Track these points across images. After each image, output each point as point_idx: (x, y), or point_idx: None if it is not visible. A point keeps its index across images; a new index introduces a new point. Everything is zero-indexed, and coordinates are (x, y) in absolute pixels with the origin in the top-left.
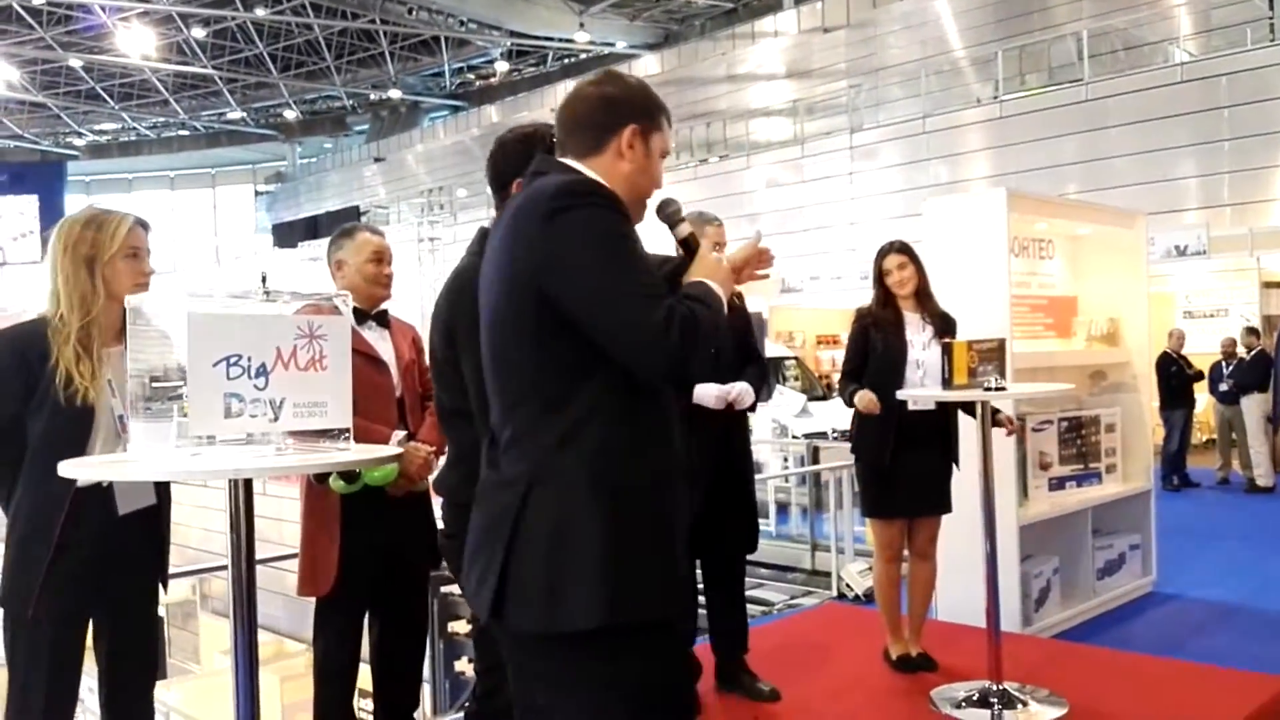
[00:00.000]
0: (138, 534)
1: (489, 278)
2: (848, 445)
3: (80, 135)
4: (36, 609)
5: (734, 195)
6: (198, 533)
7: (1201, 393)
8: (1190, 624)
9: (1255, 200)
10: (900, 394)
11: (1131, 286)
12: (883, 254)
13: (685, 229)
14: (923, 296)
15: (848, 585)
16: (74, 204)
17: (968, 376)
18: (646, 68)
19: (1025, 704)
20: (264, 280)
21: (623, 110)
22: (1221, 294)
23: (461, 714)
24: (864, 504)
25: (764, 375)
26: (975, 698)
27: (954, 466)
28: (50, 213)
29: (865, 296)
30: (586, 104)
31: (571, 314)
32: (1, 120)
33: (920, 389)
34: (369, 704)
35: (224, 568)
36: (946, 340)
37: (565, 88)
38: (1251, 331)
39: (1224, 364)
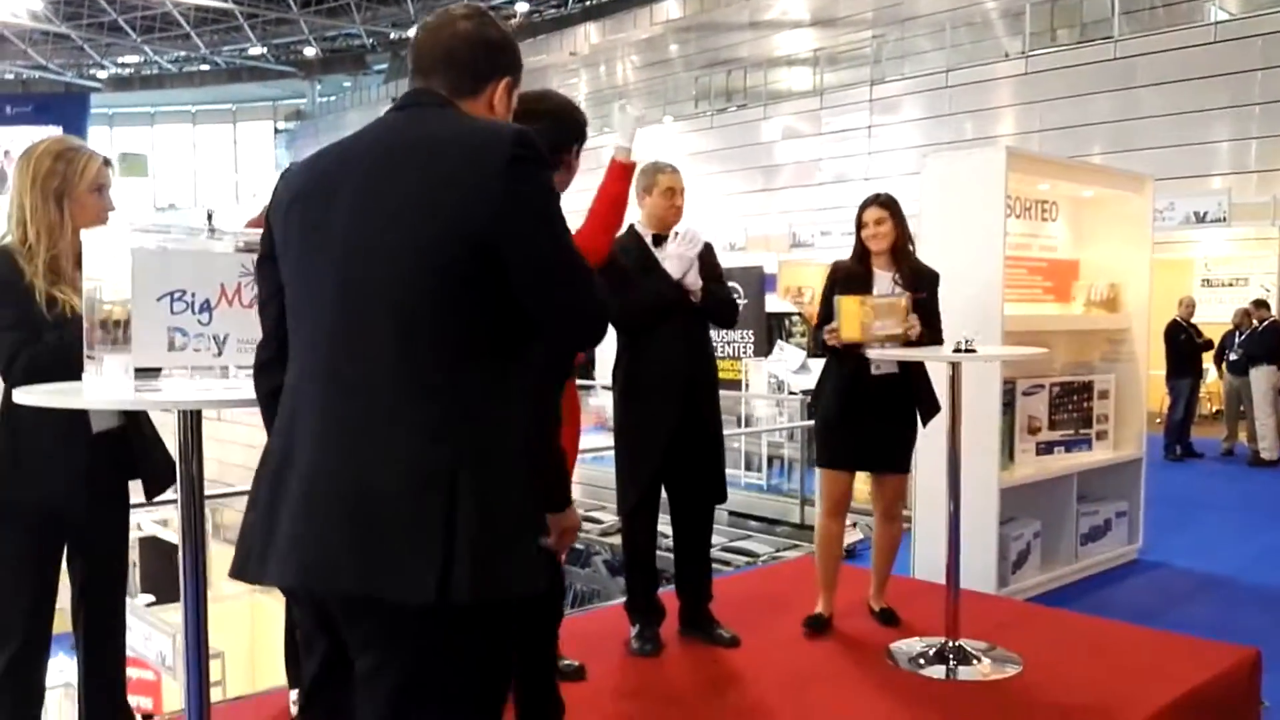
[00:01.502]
0: (110, 452)
1: (386, 210)
2: None
3: (103, 67)
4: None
5: (751, 146)
6: (213, 465)
7: (1209, 362)
8: (1170, 593)
9: None
10: (871, 354)
11: (1135, 252)
12: (863, 206)
13: None
14: (899, 254)
15: None
16: (97, 136)
17: (860, 332)
18: (668, 12)
19: (980, 661)
20: (209, 218)
21: (502, 59)
22: (1242, 262)
23: None
24: (816, 453)
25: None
26: (931, 653)
27: (919, 424)
28: None
29: None
30: (468, 43)
31: (518, 274)
32: (26, 50)
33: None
34: None
35: (227, 495)
36: (838, 296)
37: (586, 31)
38: (1260, 304)
39: (1235, 333)
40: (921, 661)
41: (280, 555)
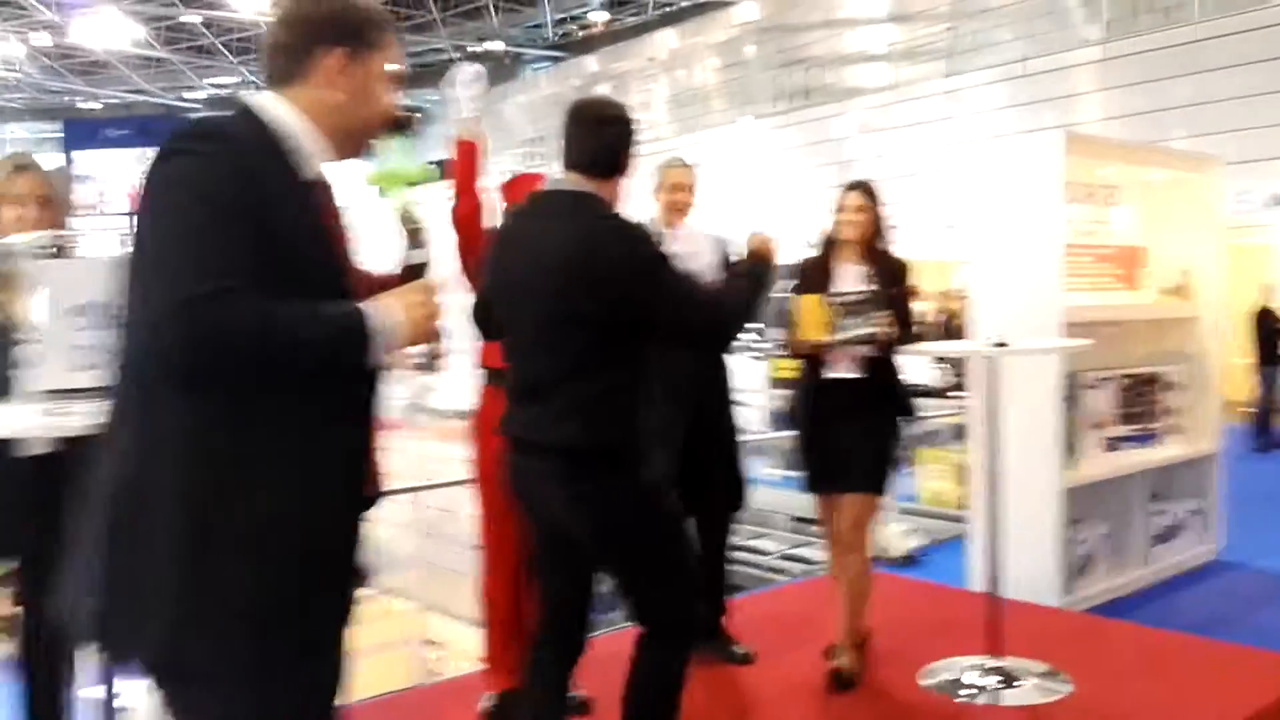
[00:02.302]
0: (46, 477)
1: None
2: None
3: (200, 89)
4: None
5: (827, 142)
6: None
7: None
8: (1247, 597)
9: None
10: (920, 348)
11: (1206, 237)
12: (845, 190)
13: (416, 255)
14: (870, 247)
15: (883, 548)
16: None
17: (825, 332)
18: (745, 14)
19: (1025, 682)
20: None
21: (325, 32)
22: None
23: None
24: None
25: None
26: (971, 674)
27: (895, 435)
28: None
29: (949, 246)
30: (285, 28)
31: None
32: (130, 75)
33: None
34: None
35: None
36: (797, 296)
37: (664, 37)
38: None
39: None
40: (959, 683)
41: None
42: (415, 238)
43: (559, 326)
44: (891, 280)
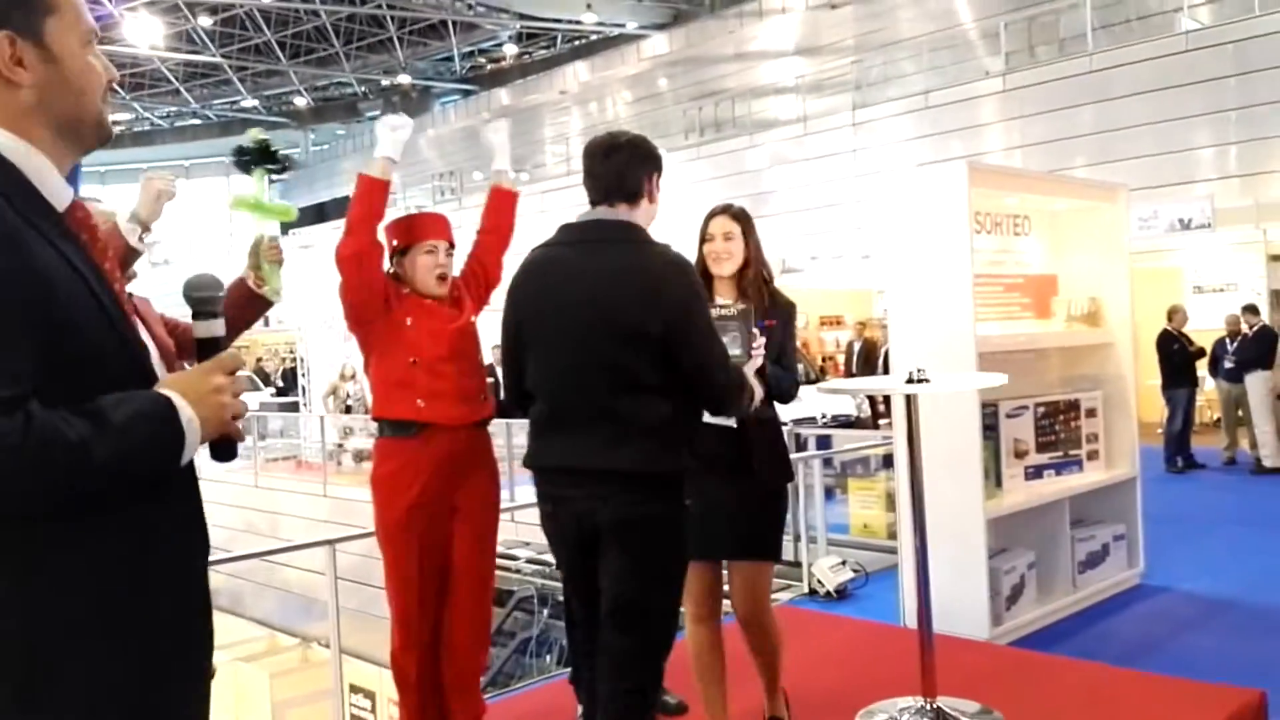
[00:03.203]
0: None
1: None
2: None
3: None
4: None
5: (740, 174)
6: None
7: (1201, 370)
8: (1174, 621)
9: (1263, 171)
10: (827, 386)
11: (1113, 263)
12: (709, 216)
13: (208, 328)
14: (746, 280)
15: (819, 581)
16: (89, 194)
17: None
18: (655, 48)
19: None
20: None
21: None
22: (1231, 268)
23: None
24: None
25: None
26: (905, 715)
27: (780, 493)
28: None
29: (866, 275)
30: None
31: None
32: None
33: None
34: (360, 699)
35: (225, 560)
36: None
37: (575, 70)
38: (1250, 309)
39: (1228, 340)
40: None
41: None
42: (203, 307)
43: (612, 350)
44: (772, 315)
